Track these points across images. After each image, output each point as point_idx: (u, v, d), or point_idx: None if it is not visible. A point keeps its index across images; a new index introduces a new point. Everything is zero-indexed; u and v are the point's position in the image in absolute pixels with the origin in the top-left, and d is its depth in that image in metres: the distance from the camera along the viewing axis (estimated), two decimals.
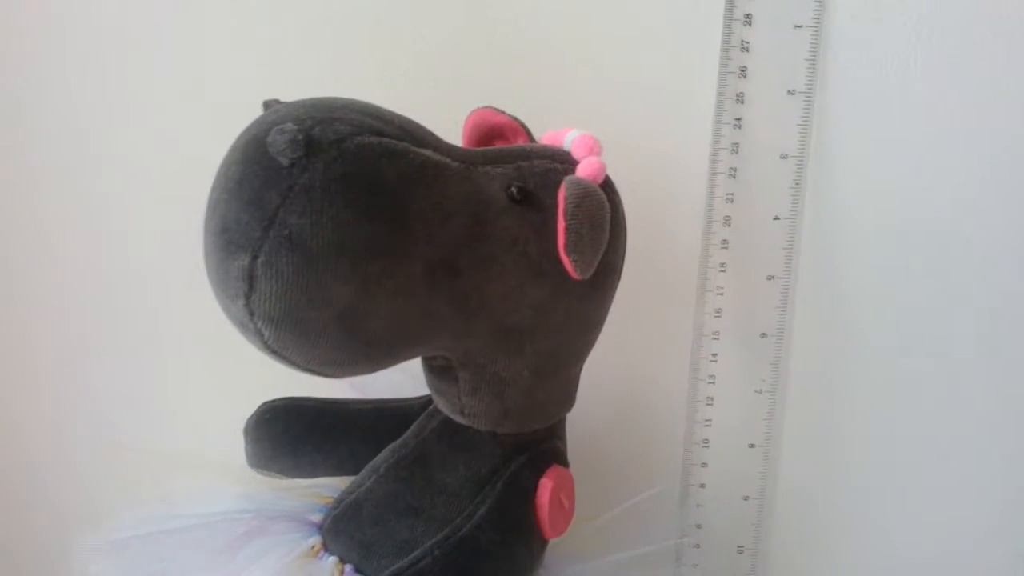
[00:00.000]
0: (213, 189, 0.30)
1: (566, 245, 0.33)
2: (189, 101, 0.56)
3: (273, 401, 0.43)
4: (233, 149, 0.30)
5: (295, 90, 0.32)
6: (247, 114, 0.31)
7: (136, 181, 0.59)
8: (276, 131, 0.28)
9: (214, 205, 0.29)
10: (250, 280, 0.28)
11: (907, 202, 0.46)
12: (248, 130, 0.30)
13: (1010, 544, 0.50)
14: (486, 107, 0.39)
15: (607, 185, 0.36)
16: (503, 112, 0.39)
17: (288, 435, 0.42)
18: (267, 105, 0.31)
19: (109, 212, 0.60)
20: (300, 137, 0.27)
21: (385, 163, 0.29)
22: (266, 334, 0.29)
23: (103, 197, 0.60)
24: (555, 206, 0.34)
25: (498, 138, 0.40)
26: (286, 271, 0.28)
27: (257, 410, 0.42)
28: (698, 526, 0.54)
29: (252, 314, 0.28)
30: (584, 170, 0.35)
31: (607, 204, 0.35)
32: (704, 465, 0.53)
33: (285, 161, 0.27)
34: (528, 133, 0.39)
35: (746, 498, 0.53)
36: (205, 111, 0.55)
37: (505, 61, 0.50)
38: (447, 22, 0.51)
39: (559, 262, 0.34)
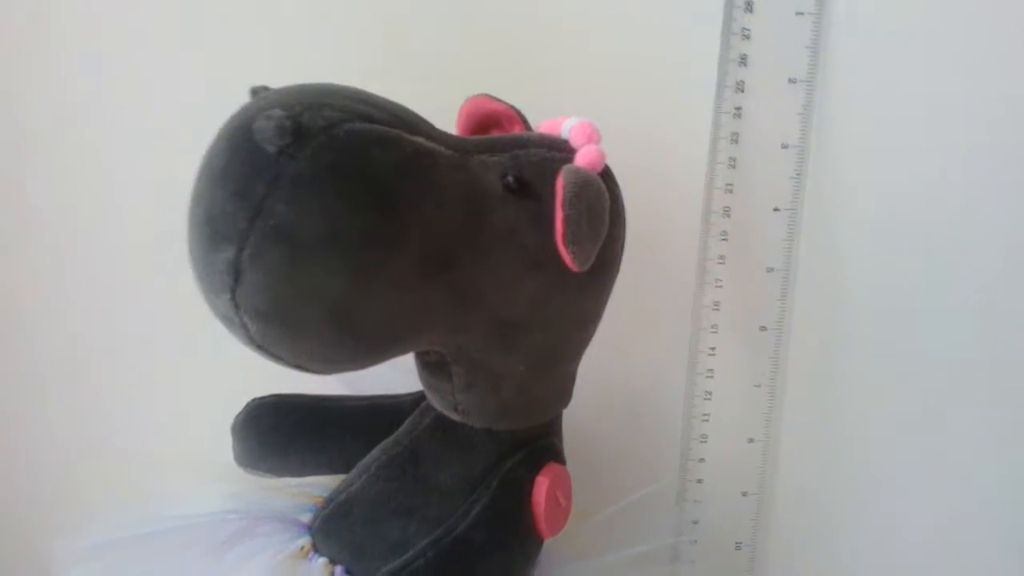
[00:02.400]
0: (197, 179, 0.29)
1: (564, 236, 0.32)
2: (180, 97, 0.55)
3: (262, 398, 0.42)
4: (218, 137, 0.28)
5: (286, 79, 0.31)
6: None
7: (122, 176, 0.58)
8: (263, 118, 0.26)
9: (198, 196, 0.28)
10: (236, 273, 0.27)
11: (910, 193, 0.46)
12: (234, 117, 0.29)
13: (1014, 538, 0.49)
14: (481, 95, 0.38)
15: (606, 174, 0.35)
16: (499, 100, 0.38)
17: (277, 433, 0.41)
18: (255, 92, 0.30)
19: (91, 207, 0.59)
20: (288, 124, 0.26)
21: (376, 151, 0.28)
22: (252, 329, 0.28)
23: (84, 191, 0.59)
24: (553, 196, 0.33)
25: (494, 126, 0.39)
26: (273, 264, 0.27)
27: (245, 408, 0.41)
28: (696, 522, 0.53)
29: (238, 308, 0.27)
30: (583, 159, 0.34)
31: (607, 194, 0.33)
32: (702, 460, 0.52)
33: (272, 149, 0.26)
34: (524, 121, 0.38)
35: (745, 494, 0.53)
36: (196, 107, 0.53)
37: (500, 48, 0.49)
38: (441, 7, 0.49)
39: (557, 254, 0.33)
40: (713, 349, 0.51)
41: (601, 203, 0.33)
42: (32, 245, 0.61)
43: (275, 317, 0.27)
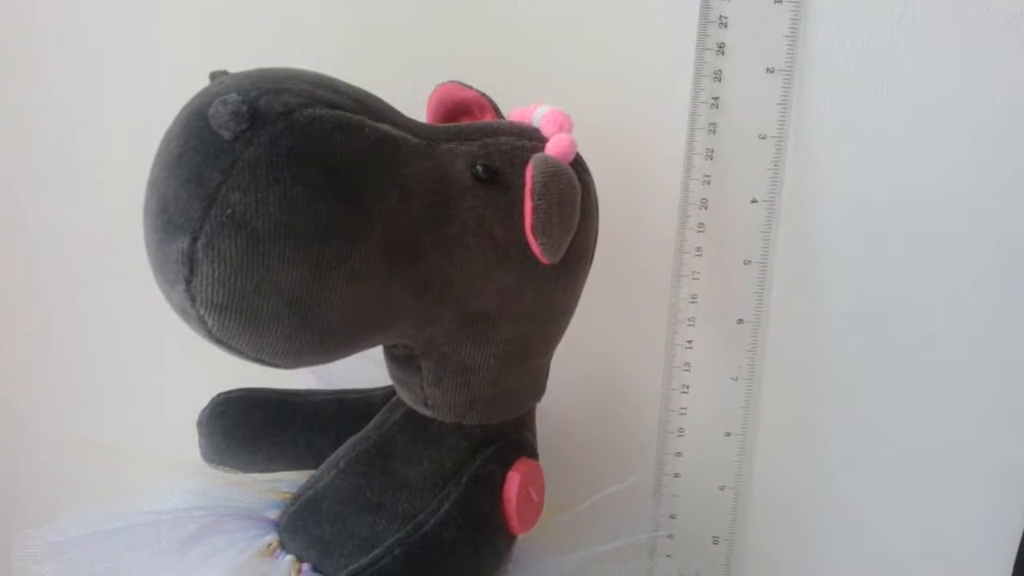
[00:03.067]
0: (152, 167, 0.28)
1: (534, 227, 0.31)
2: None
3: (228, 392, 0.41)
4: (174, 123, 0.27)
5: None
6: None
7: (92, 170, 0.56)
8: (219, 102, 0.26)
9: (153, 183, 0.27)
10: (190, 264, 0.26)
11: (889, 184, 0.45)
12: (190, 103, 0.28)
13: (991, 531, 0.49)
14: (451, 81, 0.37)
15: (578, 163, 0.35)
16: (469, 87, 0.37)
17: (243, 428, 0.40)
18: (213, 76, 0.29)
19: (57, 203, 0.58)
20: (244, 108, 0.25)
21: (338, 137, 0.27)
22: (209, 322, 0.27)
23: (54, 185, 0.58)
24: (522, 186, 0.32)
25: (464, 114, 0.38)
26: (229, 254, 0.26)
27: (211, 402, 0.41)
28: (672, 516, 0.53)
29: (193, 300, 0.26)
30: (553, 147, 0.33)
31: (577, 184, 0.33)
32: (679, 454, 0.52)
33: (228, 135, 0.25)
34: (495, 109, 0.37)
35: (722, 488, 0.52)
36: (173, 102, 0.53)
37: (471, 34, 0.48)
38: None
39: (527, 245, 0.32)
40: (690, 342, 0.50)
41: (571, 193, 0.32)
42: (4, 238, 0.60)
43: (232, 310, 0.26)
